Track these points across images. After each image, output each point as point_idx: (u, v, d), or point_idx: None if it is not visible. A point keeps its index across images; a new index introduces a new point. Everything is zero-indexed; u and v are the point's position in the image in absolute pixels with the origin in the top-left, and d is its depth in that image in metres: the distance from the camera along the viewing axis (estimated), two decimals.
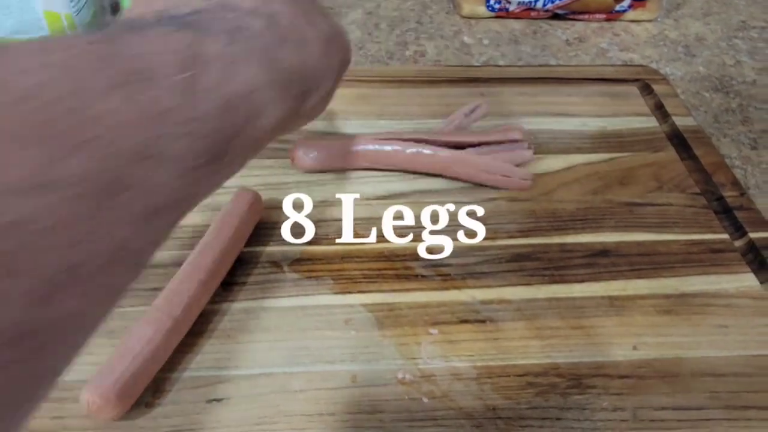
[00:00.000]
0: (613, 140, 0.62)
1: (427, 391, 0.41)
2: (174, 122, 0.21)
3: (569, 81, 0.69)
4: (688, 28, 0.85)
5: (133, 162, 0.19)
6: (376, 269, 0.49)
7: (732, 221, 0.55)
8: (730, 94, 0.73)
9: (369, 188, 0.56)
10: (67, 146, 0.18)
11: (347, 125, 0.62)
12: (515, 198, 0.55)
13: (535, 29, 0.83)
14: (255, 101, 0.25)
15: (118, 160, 0.19)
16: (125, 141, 0.19)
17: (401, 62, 0.76)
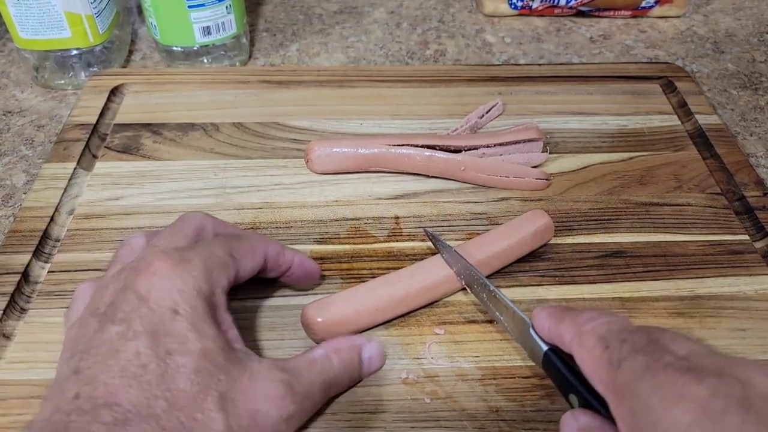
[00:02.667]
0: (633, 139, 0.61)
1: (431, 392, 0.41)
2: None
3: (590, 79, 0.68)
4: (717, 24, 0.83)
5: None
6: (385, 269, 0.49)
7: (753, 222, 0.53)
8: (759, 91, 0.71)
9: (381, 188, 0.56)
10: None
11: (362, 125, 0.62)
12: (528, 198, 0.55)
13: (559, 27, 0.82)
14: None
15: None
16: None
17: (421, 62, 0.76)
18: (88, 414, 0.30)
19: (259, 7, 0.85)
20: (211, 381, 0.32)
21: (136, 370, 0.31)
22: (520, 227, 0.49)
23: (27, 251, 0.49)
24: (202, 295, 0.35)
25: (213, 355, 0.33)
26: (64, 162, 0.57)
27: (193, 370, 0.32)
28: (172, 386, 0.31)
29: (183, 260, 0.35)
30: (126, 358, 0.32)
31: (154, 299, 0.34)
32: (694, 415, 0.25)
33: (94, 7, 0.64)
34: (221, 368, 0.33)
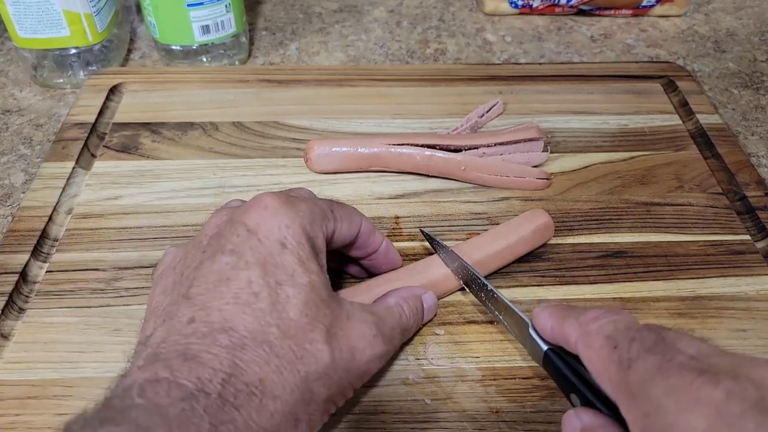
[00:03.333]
0: (634, 138, 0.61)
1: (431, 392, 0.41)
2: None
3: (591, 78, 0.68)
4: (718, 23, 0.82)
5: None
6: None
7: (755, 222, 0.53)
8: (761, 90, 0.71)
9: (381, 188, 0.56)
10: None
11: (362, 124, 0.62)
12: (529, 197, 0.55)
13: (560, 26, 0.82)
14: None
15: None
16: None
17: (421, 60, 0.75)
18: (206, 337, 0.31)
19: (259, 6, 0.85)
20: (318, 314, 0.34)
21: (249, 297, 0.33)
22: (520, 226, 0.48)
23: (25, 251, 0.49)
24: (306, 234, 0.36)
25: (318, 289, 0.35)
26: (63, 161, 0.57)
27: (302, 302, 0.34)
28: (284, 315, 0.33)
29: (290, 201, 0.37)
30: (238, 286, 0.33)
31: (264, 232, 0.35)
32: (710, 420, 0.25)
33: (92, 6, 0.64)
34: (326, 303, 0.35)
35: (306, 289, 0.34)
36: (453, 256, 0.45)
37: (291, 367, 0.32)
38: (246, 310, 0.32)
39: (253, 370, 0.31)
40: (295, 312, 0.33)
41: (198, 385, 0.29)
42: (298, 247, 0.35)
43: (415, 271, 0.46)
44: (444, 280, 0.46)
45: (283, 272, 0.34)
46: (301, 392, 0.32)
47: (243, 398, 0.30)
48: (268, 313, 0.33)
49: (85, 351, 0.43)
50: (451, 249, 0.46)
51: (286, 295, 0.33)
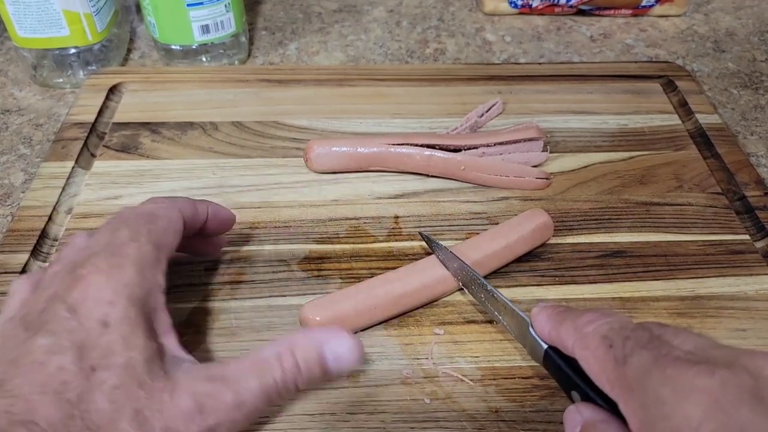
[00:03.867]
0: (634, 138, 0.61)
1: (430, 392, 0.41)
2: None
3: (590, 78, 0.68)
4: (718, 23, 0.82)
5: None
6: (384, 269, 0.49)
7: (754, 221, 0.53)
8: (760, 90, 0.71)
9: (381, 187, 0.56)
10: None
11: (362, 124, 0.62)
12: (528, 197, 0.55)
13: (559, 26, 0.82)
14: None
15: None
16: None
17: (421, 60, 0.75)
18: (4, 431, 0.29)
19: (258, 6, 0.85)
20: (129, 398, 0.31)
21: (58, 386, 0.30)
22: (519, 226, 0.49)
23: (25, 250, 0.49)
24: (135, 301, 0.34)
25: (137, 368, 0.32)
26: (63, 161, 0.57)
27: (112, 387, 0.31)
28: (91, 406, 0.30)
29: (115, 266, 0.34)
30: (48, 373, 0.31)
31: (85, 312, 0.33)
32: (706, 408, 0.25)
33: (92, 6, 0.64)
34: (142, 384, 0.32)
35: (120, 372, 0.31)
36: (452, 256, 0.45)
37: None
38: (52, 400, 0.30)
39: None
40: (102, 400, 0.30)
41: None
42: (122, 322, 0.33)
43: (415, 271, 0.46)
44: (443, 281, 0.46)
45: (99, 355, 0.31)
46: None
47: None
48: (75, 404, 0.30)
49: None
50: (449, 250, 0.46)
51: (98, 381, 0.31)
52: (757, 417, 0.24)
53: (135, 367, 0.32)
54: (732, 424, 0.24)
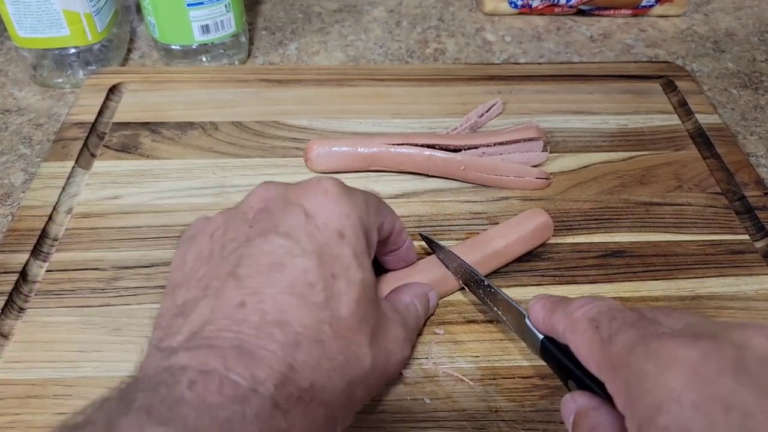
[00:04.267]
0: (634, 138, 0.61)
1: (430, 392, 0.41)
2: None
3: (590, 78, 0.68)
4: (718, 23, 0.82)
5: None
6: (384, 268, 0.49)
7: (754, 221, 0.53)
8: (760, 90, 0.71)
9: (381, 187, 0.56)
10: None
11: (362, 124, 0.62)
12: (528, 197, 0.55)
13: (559, 26, 0.82)
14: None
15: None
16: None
17: (421, 60, 0.76)
18: (260, 330, 0.29)
19: (258, 6, 0.85)
20: (366, 315, 0.32)
21: (304, 288, 0.30)
22: (519, 225, 0.49)
23: (25, 250, 0.49)
24: (363, 227, 0.34)
25: (369, 288, 0.33)
26: (63, 161, 0.57)
27: (354, 300, 0.32)
28: (336, 313, 0.31)
29: (349, 191, 0.35)
30: (293, 274, 0.31)
31: (322, 218, 0.33)
32: (686, 379, 0.24)
33: (92, 6, 0.64)
34: (373, 304, 0.33)
35: (359, 287, 0.32)
36: (452, 256, 0.45)
37: (340, 371, 0.31)
38: (301, 302, 0.30)
39: (305, 373, 0.29)
40: (346, 310, 0.31)
41: (252, 383, 0.27)
42: (355, 240, 0.33)
43: (416, 271, 0.46)
44: (444, 280, 0.46)
45: (339, 265, 0.32)
46: (345, 397, 0.31)
47: (293, 403, 0.28)
48: (322, 309, 0.30)
49: (85, 350, 0.43)
50: (449, 249, 0.46)
51: (339, 291, 0.31)
52: (740, 387, 0.24)
53: (368, 284, 0.33)
54: (713, 394, 0.24)
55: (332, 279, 0.31)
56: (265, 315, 0.29)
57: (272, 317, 0.29)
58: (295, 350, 0.29)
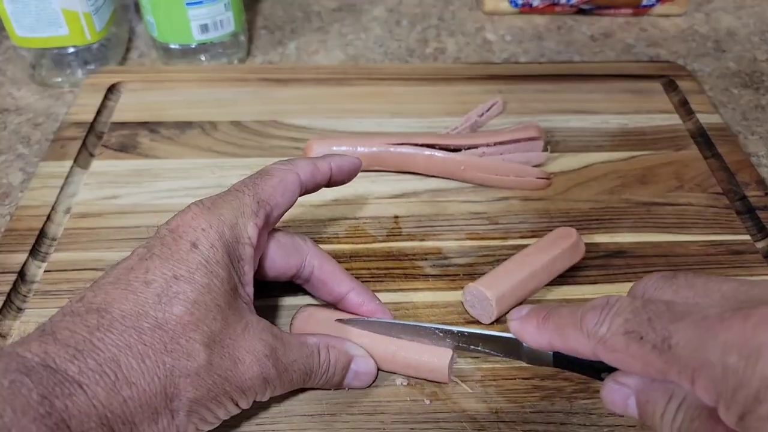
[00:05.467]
0: (634, 138, 0.61)
1: (430, 393, 0.41)
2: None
3: (591, 78, 0.68)
4: (719, 23, 0.82)
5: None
6: (384, 268, 0.49)
7: (755, 222, 0.53)
8: (761, 90, 0.71)
9: (380, 187, 0.55)
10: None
11: (361, 123, 0.62)
12: (528, 197, 0.55)
13: (560, 25, 0.81)
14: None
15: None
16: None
17: (421, 59, 0.75)
18: (78, 316, 0.32)
19: (258, 5, 0.85)
20: (206, 317, 0.34)
21: (139, 285, 0.33)
22: (559, 260, 0.47)
23: (23, 250, 0.49)
24: (224, 240, 0.36)
25: (216, 294, 0.35)
26: (61, 160, 0.56)
27: (192, 301, 0.34)
28: (167, 309, 0.33)
29: (215, 206, 0.37)
30: (135, 275, 0.34)
31: (179, 232, 0.36)
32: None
33: (91, 5, 0.64)
34: (220, 309, 0.35)
35: (201, 290, 0.34)
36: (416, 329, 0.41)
37: (156, 357, 0.32)
38: (130, 296, 0.33)
39: (110, 351, 0.31)
40: (179, 309, 0.33)
41: (42, 358, 0.30)
42: (210, 251, 0.35)
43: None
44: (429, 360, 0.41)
45: (185, 268, 0.34)
46: (162, 384, 0.32)
47: (90, 375, 0.30)
48: (151, 303, 0.33)
49: None
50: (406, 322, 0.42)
51: (178, 291, 0.34)
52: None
53: (215, 291, 0.35)
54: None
55: (173, 279, 0.34)
56: (91, 305, 0.33)
57: (95, 306, 0.33)
58: (104, 332, 0.32)
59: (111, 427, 0.31)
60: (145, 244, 0.36)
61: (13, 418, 0.27)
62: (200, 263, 0.35)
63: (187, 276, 0.34)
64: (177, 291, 0.34)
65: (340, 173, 0.44)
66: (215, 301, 0.34)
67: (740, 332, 0.25)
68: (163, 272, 0.34)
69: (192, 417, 0.34)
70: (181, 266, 0.34)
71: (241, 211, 0.38)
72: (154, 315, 0.33)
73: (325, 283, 0.43)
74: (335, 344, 0.40)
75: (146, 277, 0.34)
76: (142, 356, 0.32)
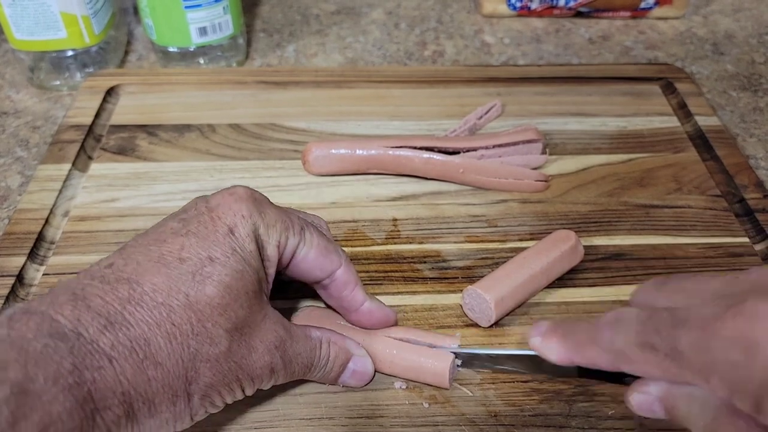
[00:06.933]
0: (633, 140, 0.61)
1: (429, 396, 0.41)
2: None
3: (589, 80, 0.68)
4: (717, 25, 0.82)
5: None
6: (382, 271, 0.49)
7: (753, 224, 0.53)
8: (759, 92, 0.71)
9: (379, 190, 0.55)
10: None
11: (360, 126, 0.62)
12: (527, 200, 0.55)
13: (558, 28, 0.82)
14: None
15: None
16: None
17: (419, 62, 0.75)
18: (108, 284, 0.32)
19: (256, 8, 0.85)
20: (235, 303, 0.34)
21: (173, 261, 0.33)
22: (559, 263, 0.47)
23: (22, 254, 0.49)
24: (256, 235, 0.36)
25: (247, 282, 0.34)
26: (59, 163, 0.56)
27: (224, 284, 0.33)
28: (200, 288, 0.33)
29: (260, 201, 0.37)
30: (169, 249, 0.33)
31: (218, 212, 0.35)
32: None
33: (89, 8, 0.64)
34: (248, 297, 0.34)
35: (235, 275, 0.34)
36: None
37: (183, 339, 0.32)
38: (163, 270, 0.32)
39: (140, 328, 0.31)
40: (212, 290, 0.33)
41: (74, 325, 0.29)
42: (245, 240, 0.35)
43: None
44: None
45: (221, 251, 0.34)
46: (185, 368, 0.32)
47: (121, 351, 0.30)
48: (184, 282, 0.32)
49: None
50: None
51: (212, 272, 0.33)
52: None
53: (247, 279, 0.34)
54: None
55: (208, 260, 0.33)
56: (122, 274, 0.32)
57: (126, 275, 0.32)
58: (135, 306, 0.31)
59: (131, 405, 0.30)
60: (180, 217, 0.35)
61: (44, 385, 0.27)
62: (234, 250, 0.34)
63: (223, 259, 0.33)
64: (211, 272, 0.33)
65: (369, 316, 0.42)
66: (246, 288, 0.34)
67: (736, 328, 0.26)
68: (198, 252, 0.33)
69: (204, 401, 0.34)
70: (216, 249, 0.34)
71: (281, 220, 0.37)
72: (186, 292, 0.32)
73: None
74: (336, 340, 0.40)
75: (181, 254, 0.33)
76: (170, 336, 0.32)
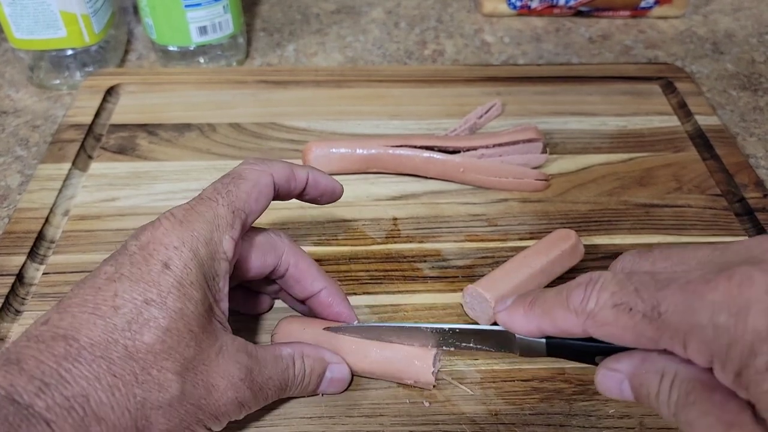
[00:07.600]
0: (633, 140, 0.61)
1: (429, 395, 0.41)
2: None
3: (589, 80, 0.68)
4: (717, 24, 0.82)
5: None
6: (382, 270, 0.49)
7: (753, 223, 0.53)
8: (759, 92, 0.71)
9: (379, 189, 0.55)
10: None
11: (360, 125, 0.62)
12: (527, 199, 0.55)
13: (558, 27, 0.82)
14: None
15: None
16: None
17: (419, 61, 0.75)
18: (43, 343, 0.30)
19: (256, 7, 0.85)
20: (179, 344, 0.32)
21: (108, 310, 0.31)
22: (559, 263, 0.47)
23: (22, 253, 0.49)
24: (198, 258, 0.34)
25: (190, 319, 0.33)
26: (59, 163, 0.56)
27: (163, 328, 0.32)
28: (138, 336, 0.31)
29: (185, 220, 0.35)
30: (103, 297, 0.32)
31: (149, 250, 0.33)
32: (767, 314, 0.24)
33: (89, 7, 0.64)
34: (193, 335, 0.33)
35: (173, 316, 0.32)
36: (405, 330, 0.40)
37: (126, 390, 0.31)
38: (99, 321, 0.31)
39: (79, 384, 0.30)
40: (150, 336, 0.31)
41: (8, 391, 0.28)
42: (183, 272, 0.33)
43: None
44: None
45: (157, 292, 0.32)
46: (133, 418, 0.31)
47: (58, 412, 0.29)
48: (121, 330, 0.31)
49: None
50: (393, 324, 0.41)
51: (149, 317, 0.32)
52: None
53: (189, 316, 0.33)
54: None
55: (144, 305, 0.32)
56: (57, 331, 0.31)
57: (62, 332, 0.31)
58: (72, 362, 0.30)
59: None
60: (113, 261, 0.34)
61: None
62: (172, 285, 0.33)
63: (159, 300, 0.32)
64: (148, 318, 0.32)
65: (315, 188, 0.42)
66: (188, 326, 0.33)
67: (726, 291, 0.25)
68: (133, 296, 0.32)
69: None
70: (152, 289, 0.32)
71: (215, 225, 0.35)
72: (124, 344, 0.31)
73: (298, 280, 0.41)
74: (310, 352, 0.39)
75: (115, 302, 0.32)
76: (112, 389, 0.30)
